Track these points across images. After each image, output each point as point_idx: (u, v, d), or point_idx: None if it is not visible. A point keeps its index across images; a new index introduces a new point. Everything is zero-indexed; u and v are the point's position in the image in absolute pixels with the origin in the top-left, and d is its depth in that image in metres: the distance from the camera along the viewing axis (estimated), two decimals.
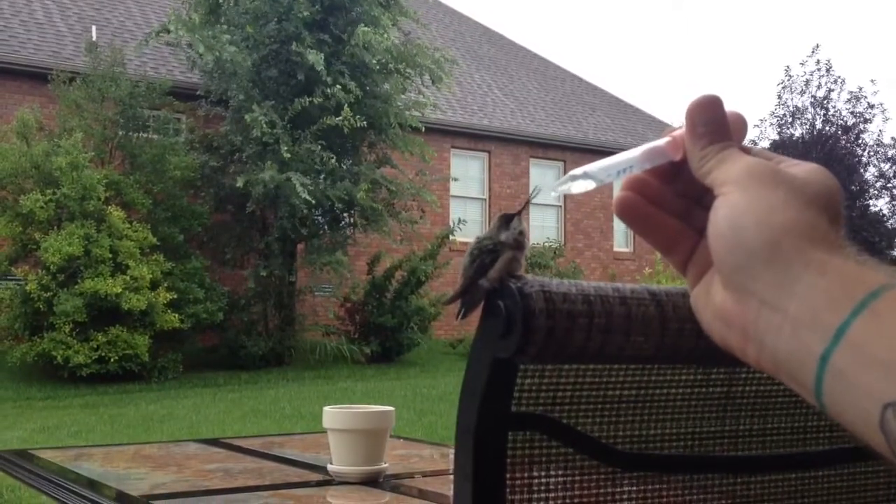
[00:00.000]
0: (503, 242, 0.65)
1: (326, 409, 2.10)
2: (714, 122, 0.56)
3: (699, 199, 0.58)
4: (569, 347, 0.61)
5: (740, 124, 0.57)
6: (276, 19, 13.05)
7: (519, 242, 0.65)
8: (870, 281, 0.48)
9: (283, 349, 13.49)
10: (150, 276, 11.70)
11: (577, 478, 0.65)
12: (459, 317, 0.67)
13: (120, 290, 11.24)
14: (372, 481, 2.06)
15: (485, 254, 0.65)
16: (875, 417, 0.46)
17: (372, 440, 2.07)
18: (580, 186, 0.58)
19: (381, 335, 13.95)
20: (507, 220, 0.66)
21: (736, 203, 0.53)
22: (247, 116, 12.46)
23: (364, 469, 2.05)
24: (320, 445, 2.39)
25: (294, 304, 13.98)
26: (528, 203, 0.67)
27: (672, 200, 0.60)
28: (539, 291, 0.60)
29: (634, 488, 0.67)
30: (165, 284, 11.95)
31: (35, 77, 13.92)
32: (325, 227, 13.92)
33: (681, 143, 0.57)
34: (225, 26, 12.98)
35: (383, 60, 13.49)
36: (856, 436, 0.48)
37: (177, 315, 11.91)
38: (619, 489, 0.66)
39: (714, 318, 0.55)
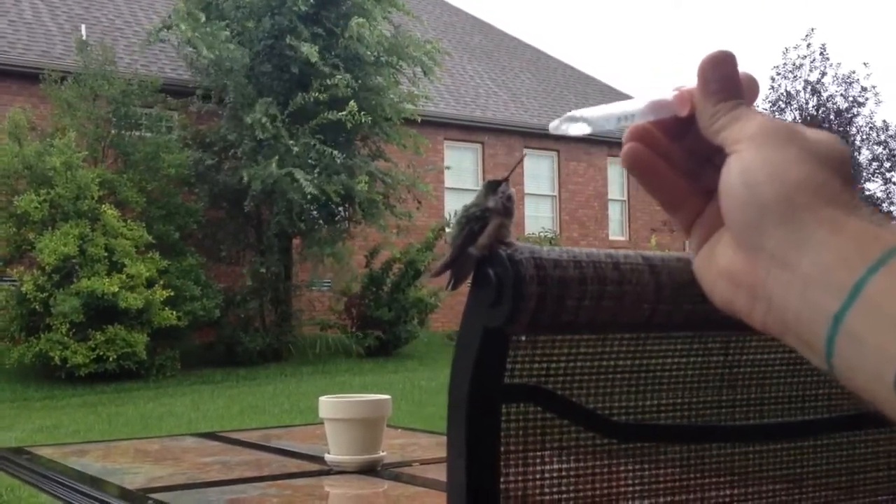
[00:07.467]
0: (491, 209, 0.63)
1: (322, 398, 2.09)
2: (727, 79, 0.55)
3: (709, 158, 0.57)
4: (561, 315, 0.59)
5: (752, 85, 0.56)
6: (269, 14, 13.03)
7: (507, 208, 0.63)
8: (887, 239, 0.47)
9: (281, 344, 13.49)
10: (147, 274, 11.69)
11: (574, 450, 0.64)
12: (449, 287, 0.65)
13: (116, 289, 11.23)
14: (370, 470, 2.05)
15: (472, 221, 0.63)
16: (890, 378, 0.45)
17: (368, 429, 2.06)
18: (577, 129, 0.57)
19: (379, 328, 13.95)
20: (494, 186, 0.65)
21: (750, 160, 0.51)
22: (247, 118, 12.45)
23: (361, 458, 2.05)
24: (318, 437, 2.38)
25: (291, 299, 13.97)
26: (515, 168, 0.66)
27: (680, 158, 0.59)
28: (529, 258, 0.59)
29: (631, 459, 0.66)
30: (162, 282, 11.94)
31: (25, 77, 13.86)
32: (321, 221, 13.91)
33: (688, 98, 0.56)
34: (222, 22, 12.95)
35: (375, 53, 13.48)
36: (866, 399, 0.47)
37: (174, 312, 11.90)
38: (615, 460, 0.65)
39: (719, 279, 0.54)
